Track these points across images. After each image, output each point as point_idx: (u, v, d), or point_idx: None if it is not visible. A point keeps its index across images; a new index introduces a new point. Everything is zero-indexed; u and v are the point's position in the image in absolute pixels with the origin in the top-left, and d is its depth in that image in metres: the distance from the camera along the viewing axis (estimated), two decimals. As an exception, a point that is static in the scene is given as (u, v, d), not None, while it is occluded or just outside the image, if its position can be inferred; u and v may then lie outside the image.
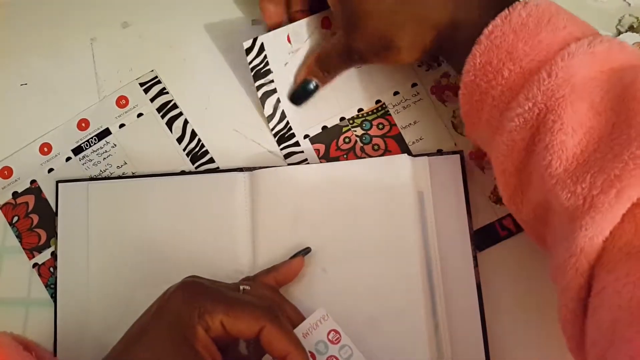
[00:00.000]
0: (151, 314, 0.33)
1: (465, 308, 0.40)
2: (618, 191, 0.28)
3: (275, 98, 0.45)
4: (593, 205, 0.28)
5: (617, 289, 0.27)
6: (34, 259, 0.45)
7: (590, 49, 0.31)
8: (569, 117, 0.30)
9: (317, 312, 0.35)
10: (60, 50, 0.49)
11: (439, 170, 0.42)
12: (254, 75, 0.44)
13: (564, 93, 0.30)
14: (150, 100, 0.47)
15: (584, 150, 0.30)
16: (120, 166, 0.46)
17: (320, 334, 0.34)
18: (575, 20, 0.33)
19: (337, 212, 0.41)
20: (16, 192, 0.46)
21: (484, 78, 0.33)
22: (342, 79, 0.45)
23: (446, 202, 0.41)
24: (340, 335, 0.34)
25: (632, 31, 0.46)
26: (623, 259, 0.28)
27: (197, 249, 0.42)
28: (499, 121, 0.34)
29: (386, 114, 0.45)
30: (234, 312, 0.32)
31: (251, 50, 0.43)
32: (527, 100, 0.31)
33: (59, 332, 0.42)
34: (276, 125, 0.45)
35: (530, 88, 0.31)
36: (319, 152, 0.45)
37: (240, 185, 0.43)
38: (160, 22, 0.49)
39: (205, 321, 0.31)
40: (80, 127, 0.47)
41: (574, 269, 0.29)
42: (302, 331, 0.34)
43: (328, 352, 0.34)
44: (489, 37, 0.33)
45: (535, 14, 0.32)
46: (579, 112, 0.30)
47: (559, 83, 0.30)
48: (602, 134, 0.30)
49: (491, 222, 0.42)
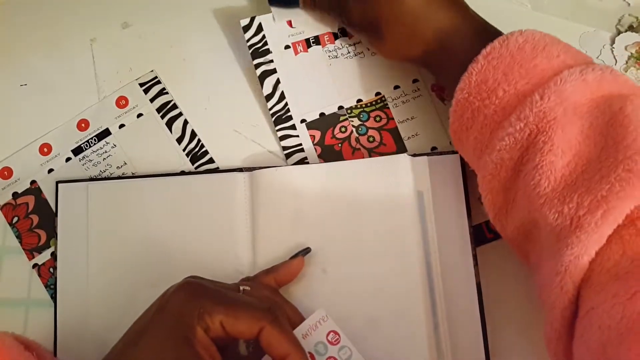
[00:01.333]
0: (151, 314, 0.33)
1: (465, 308, 0.40)
2: (604, 212, 0.28)
3: (275, 78, 0.45)
4: (579, 225, 0.29)
5: (606, 309, 0.27)
6: (34, 259, 0.45)
7: (582, 77, 0.32)
8: (559, 139, 0.31)
9: (316, 312, 0.35)
10: (60, 51, 0.49)
11: (439, 170, 0.42)
12: (252, 53, 0.45)
13: (555, 115, 0.31)
14: (150, 101, 0.47)
15: (573, 172, 0.31)
16: (120, 166, 0.46)
17: (320, 335, 0.34)
18: (570, 50, 0.34)
19: (337, 212, 0.41)
20: (16, 192, 0.46)
21: (477, 96, 0.34)
22: (344, 68, 0.45)
23: (446, 201, 0.41)
24: (339, 336, 0.34)
25: (631, 30, 0.46)
26: (611, 280, 0.28)
27: (197, 249, 0.42)
28: (488, 140, 0.34)
29: (385, 107, 0.45)
30: (233, 312, 0.32)
31: (249, 29, 0.45)
32: (519, 120, 0.32)
33: (59, 332, 0.42)
34: (274, 105, 0.45)
35: (522, 109, 0.32)
36: (314, 139, 0.45)
37: (240, 185, 0.43)
38: (160, 22, 0.49)
39: (205, 321, 0.31)
40: (80, 128, 0.47)
41: (559, 287, 0.30)
42: (302, 332, 0.34)
43: (327, 353, 0.34)
44: (487, 58, 0.34)
45: (531, 40, 0.34)
46: (569, 135, 0.31)
47: (551, 106, 0.31)
48: (591, 157, 0.31)
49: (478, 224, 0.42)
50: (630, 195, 0.28)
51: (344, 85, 0.46)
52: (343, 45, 0.47)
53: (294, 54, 0.46)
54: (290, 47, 0.46)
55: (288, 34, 0.46)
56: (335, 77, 0.46)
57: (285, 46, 0.46)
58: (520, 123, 0.32)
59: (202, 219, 0.43)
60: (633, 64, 0.46)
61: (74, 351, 0.42)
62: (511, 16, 0.46)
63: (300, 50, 0.46)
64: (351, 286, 0.40)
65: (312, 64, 0.46)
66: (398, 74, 0.46)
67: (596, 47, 0.46)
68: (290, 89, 0.46)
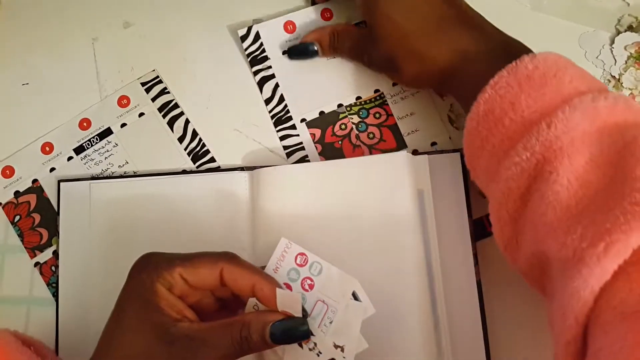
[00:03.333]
0: (119, 295, 0.33)
1: (466, 306, 0.40)
2: (607, 245, 0.27)
3: (274, 83, 0.46)
4: (581, 258, 0.28)
5: (614, 351, 0.26)
6: (35, 257, 0.45)
7: (593, 104, 0.31)
8: (566, 169, 0.30)
9: (279, 244, 0.34)
10: (62, 50, 0.49)
11: (439, 169, 0.42)
12: (250, 61, 0.46)
13: (561, 145, 0.30)
14: (152, 100, 0.47)
15: (579, 202, 0.30)
16: (121, 165, 0.46)
17: (289, 262, 0.33)
18: (583, 75, 0.33)
19: (337, 211, 0.41)
20: (18, 191, 0.46)
21: (485, 125, 0.34)
22: (343, 66, 0.46)
23: (446, 200, 0.41)
24: (306, 255, 0.33)
25: (631, 31, 0.46)
26: (618, 319, 0.27)
27: (198, 248, 0.42)
28: (496, 169, 0.34)
29: (384, 103, 0.46)
30: (190, 263, 0.32)
31: (246, 38, 0.46)
32: (525, 149, 0.31)
33: (61, 330, 0.43)
34: (274, 108, 0.46)
35: (529, 138, 0.31)
36: (314, 137, 0.45)
37: (241, 184, 0.43)
38: (161, 21, 0.49)
39: (165, 279, 0.32)
40: (82, 127, 0.47)
41: (562, 321, 0.29)
42: (272, 267, 0.34)
43: (300, 276, 0.33)
44: (494, 87, 0.33)
45: (542, 67, 0.33)
46: (576, 165, 0.30)
47: (558, 135, 0.31)
48: (599, 187, 0.29)
49: (479, 217, 0.43)
50: (636, 229, 0.26)
51: (343, 83, 0.46)
52: None
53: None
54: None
55: (285, 40, 0.46)
56: (334, 76, 0.46)
57: (283, 51, 0.46)
58: (527, 152, 0.31)
59: (203, 218, 0.43)
60: (632, 64, 0.46)
61: (75, 349, 0.42)
62: (510, 16, 0.46)
63: None
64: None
65: (310, 65, 0.46)
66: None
67: (595, 47, 0.46)
68: (289, 91, 0.46)
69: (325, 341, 0.32)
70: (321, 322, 0.32)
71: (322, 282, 0.33)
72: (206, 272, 0.32)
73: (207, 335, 0.31)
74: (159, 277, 0.32)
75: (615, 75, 0.46)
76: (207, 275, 0.32)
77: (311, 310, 0.33)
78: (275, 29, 0.46)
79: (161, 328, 0.31)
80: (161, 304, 0.31)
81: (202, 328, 0.31)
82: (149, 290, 0.31)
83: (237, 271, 0.32)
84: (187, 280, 0.32)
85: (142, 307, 0.31)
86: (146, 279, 0.32)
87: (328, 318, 0.32)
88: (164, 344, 0.30)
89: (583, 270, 0.27)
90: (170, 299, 0.32)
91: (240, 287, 0.32)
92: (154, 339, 0.30)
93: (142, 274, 0.32)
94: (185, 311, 0.32)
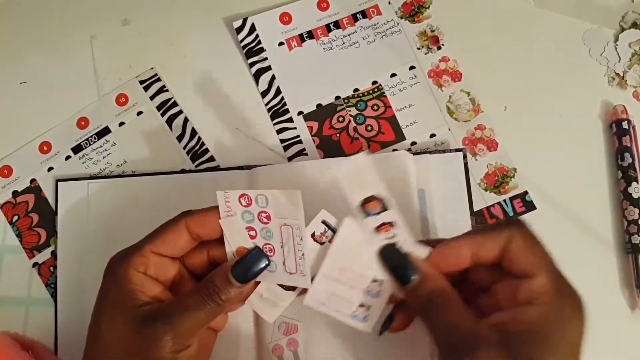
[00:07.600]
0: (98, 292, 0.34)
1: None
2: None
3: (270, 75, 0.46)
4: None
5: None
6: (34, 258, 0.45)
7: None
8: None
9: (218, 199, 0.34)
10: (60, 48, 0.48)
11: (441, 168, 0.42)
12: (245, 53, 0.45)
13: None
14: (150, 98, 0.47)
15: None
16: (120, 165, 0.46)
17: (235, 207, 0.33)
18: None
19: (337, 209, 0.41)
20: (16, 191, 0.46)
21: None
22: (339, 59, 0.45)
23: (448, 199, 0.41)
24: (247, 194, 0.33)
25: (635, 27, 0.46)
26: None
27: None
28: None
29: (382, 95, 0.45)
30: (156, 235, 0.33)
31: (241, 30, 0.45)
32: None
33: (60, 331, 0.42)
34: (270, 100, 0.46)
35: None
36: (311, 130, 0.45)
37: (240, 183, 0.43)
38: (160, 19, 0.48)
39: (138, 262, 0.32)
40: (80, 126, 0.47)
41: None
42: (224, 217, 0.33)
43: (254, 214, 0.33)
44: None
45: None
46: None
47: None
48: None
49: (479, 209, 0.43)
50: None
51: (340, 75, 0.46)
52: (337, 36, 0.46)
53: (288, 50, 0.46)
54: (284, 43, 0.46)
55: (281, 31, 0.46)
56: (331, 68, 0.46)
57: (279, 43, 0.46)
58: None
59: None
60: (637, 61, 0.45)
61: (74, 349, 0.42)
62: (514, 12, 0.46)
63: (295, 46, 0.46)
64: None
65: (307, 57, 0.46)
66: (394, 61, 0.46)
67: (600, 44, 0.45)
68: (285, 83, 0.46)
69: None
70: (294, 243, 0.33)
71: (274, 208, 0.33)
72: (174, 236, 0.33)
73: (178, 304, 0.31)
74: (131, 263, 0.32)
75: (619, 73, 0.45)
76: (175, 238, 0.33)
77: (280, 238, 0.33)
78: (271, 21, 0.46)
79: (133, 310, 0.31)
80: (133, 289, 0.31)
81: (173, 300, 0.32)
82: (122, 278, 0.32)
83: (200, 217, 0.33)
84: (160, 253, 0.32)
85: (114, 295, 0.32)
86: (118, 269, 0.32)
87: (297, 236, 0.33)
88: (138, 325, 0.30)
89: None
90: (143, 282, 0.32)
91: (210, 229, 0.33)
92: (128, 322, 0.31)
93: (115, 266, 0.33)
94: (157, 290, 0.32)
